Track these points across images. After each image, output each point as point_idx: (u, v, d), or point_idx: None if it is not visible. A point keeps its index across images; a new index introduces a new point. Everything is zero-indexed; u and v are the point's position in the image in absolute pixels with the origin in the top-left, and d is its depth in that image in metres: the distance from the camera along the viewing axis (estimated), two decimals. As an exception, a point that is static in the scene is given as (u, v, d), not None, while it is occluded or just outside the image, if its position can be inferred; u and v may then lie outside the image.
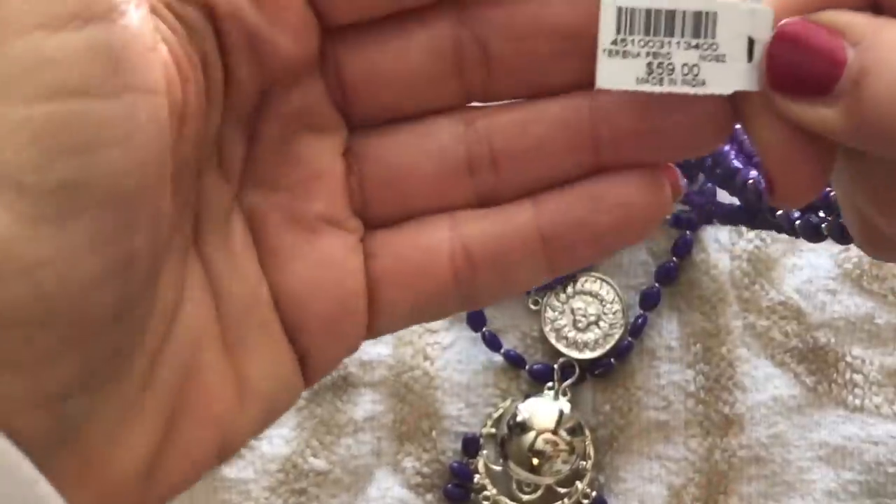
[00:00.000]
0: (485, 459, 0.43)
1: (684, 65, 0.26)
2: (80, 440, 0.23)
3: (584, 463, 0.43)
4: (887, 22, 0.24)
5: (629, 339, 0.44)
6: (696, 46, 0.26)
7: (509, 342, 0.44)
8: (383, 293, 0.27)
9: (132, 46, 0.22)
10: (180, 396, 0.25)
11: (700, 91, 0.26)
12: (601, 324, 0.44)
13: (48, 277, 0.21)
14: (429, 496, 0.43)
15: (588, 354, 0.44)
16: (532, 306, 0.45)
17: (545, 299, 0.44)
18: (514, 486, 0.43)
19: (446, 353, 0.44)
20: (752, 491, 0.43)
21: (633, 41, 0.26)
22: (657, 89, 0.26)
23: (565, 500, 0.43)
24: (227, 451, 0.26)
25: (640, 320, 0.44)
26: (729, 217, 0.42)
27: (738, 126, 0.27)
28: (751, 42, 0.26)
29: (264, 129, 0.26)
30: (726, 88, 0.26)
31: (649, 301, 0.44)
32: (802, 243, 0.44)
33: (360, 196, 0.28)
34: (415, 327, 0.44)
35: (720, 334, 0.44)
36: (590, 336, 0.44)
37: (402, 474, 0.43)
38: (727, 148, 0.38)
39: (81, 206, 0.21)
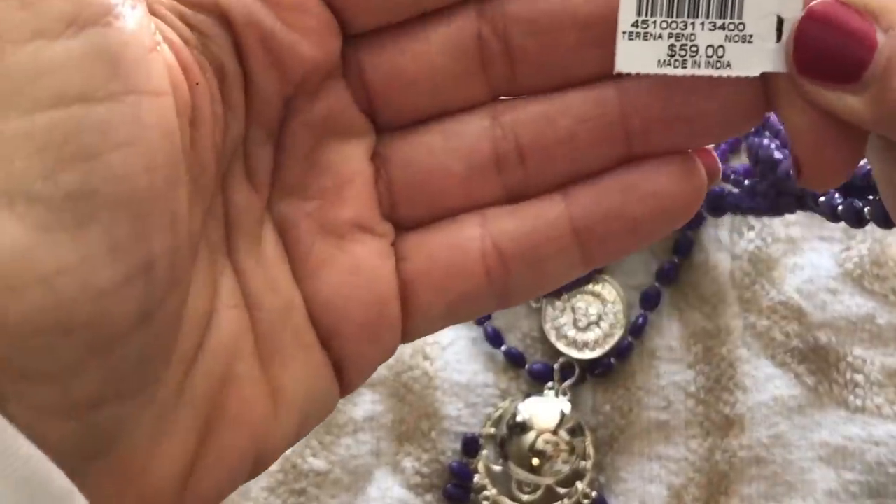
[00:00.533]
0: (484, 459, 0.43)
1: (709, 46, 0.25)
2: (116, 452, 0.23)
3: (585, 463, 0.43)
4: None
5: (630, 338, 0.44)
6: (722, 27, 0.25)
7: (509, 342, 0.44)
8: (417, 296, 0.27)
9: (130, 48, 0.22)
10: (215, 406, 0.25)
11: (725, 73, 0.25)
12: (602, 323, 0.44)
13: (67, 285, 0.21)
14: (428, 496, 0.43)
15: (588, 354, 0.44)
16: (533, 304, 0.44)
17: (546, 298, 0.44)
18: (514, 486, 0.43)
19: (446, 352, 0.44)
20: (752, 491, 0.43)
21: (654, 22, 0.25)
22: (679, 72, 0.25)
23: (565, 500, 0.43)
24: (262, 460, 0.26)
25: (640, 320, 0.44)
26: (743, 208, 0.42)
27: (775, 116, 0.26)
28: (780, 21, 0.25)
29: (291, 137, 0.26)
30: (753, 70, 0.25)
31: (650, 301, 0.44)
32: (804, 243, 0.44)
33: (390, 199, 0.27)
34: (415, 327, 0.44)
35: (721, 334, 0.44)
36: (590, 336, 0.44)
37: (401, 474, 0.43)
38: (766, 140, 0.38)
39: (93, 212, 0.21)
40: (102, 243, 0.21)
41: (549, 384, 0.44)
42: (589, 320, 0.44)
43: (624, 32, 0.25)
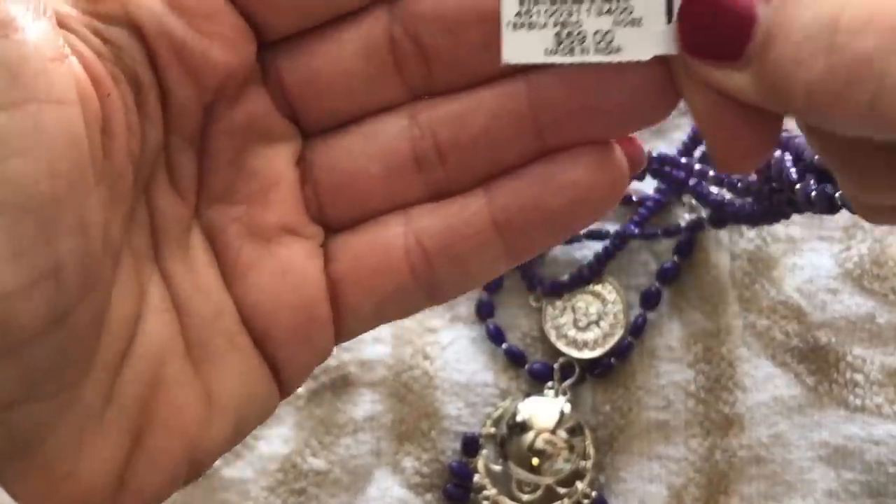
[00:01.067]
0: (484, 459, 0.43)
1: (597, 32, 0.24)
2: (40, 453, 0.24)
3: (585, 463, 0.43)
4: None
5: (630, 338, 0.44)
6: (609, 11, 0.24)
7: (509, 341, 0.44)
8: (345, 296, 0.27)
9: (31, 59, 0.22)
10: (146, 410, 0.25)
11: (616, 59, 0.24)
12: (602, 323, 0.44)
13: None
14: (428, 496, 0.43)
15: (588, 354, 0.44)
16: (533, 303, 0.44)
17: (546, 297, 0.44)
18: (514, 485, 0.43)
19: (446, 352, 0.44)
20: (752, 491, 0.43)
21: (538, 11, 0.24)
22: (568, 60, 0.24)
23: (565, 499, 0.43)
24: (198, 464, 0.26)
25: (640, 320, 0.44)
26: (742, 217, 0.42)
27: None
28: (669, 2, 0.24)
29: (214, 144, 0.27)
30: (644, 54, 0.24)
31: (650, 301, 0.44)
32: (803, 242, 0.44)
33: (317, 202, 0.28)
34: (414, 326, 0.44)
35: (721, 334, 0.44)
36: (590, 335, 0.44)
37: (401, 474, 0.43)
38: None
39: None
40: (5, 247, 0.22)
41: (549, 384, 0.44)
42: (589, 320, 0.44)
43: (508, 23, 0.24)
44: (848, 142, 0.23)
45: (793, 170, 0.37)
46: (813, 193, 0.35)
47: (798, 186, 0.36)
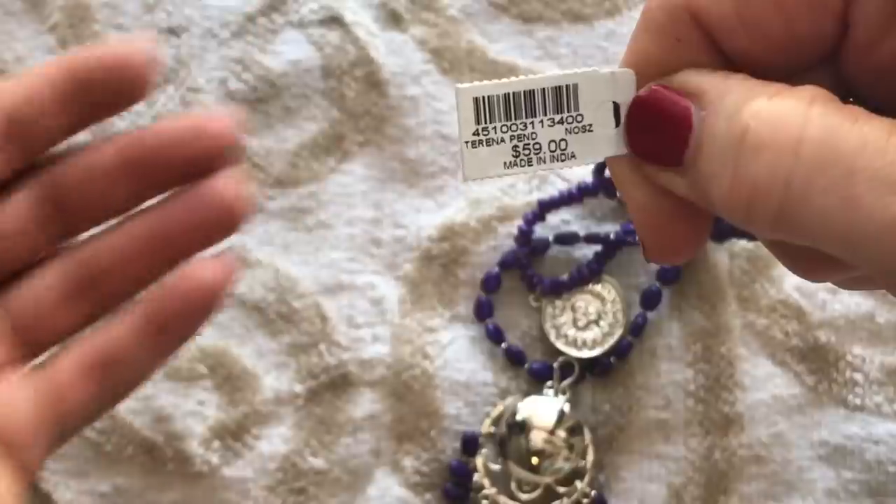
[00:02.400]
0: (484, 458, 0.43)
1: (551, 141, 0.25)
2: None
3: (584, 462, 0.43)
4: (736, 83, 0.23)
5: (629, 338, 0.44)
6: (561, 121, 0.25)
7: (509, 340, 0.44)
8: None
9: None
10: None
11: (571, 164, 0.25)
12: (601, 323, 0.44)
13: None
14: (428, 495, 0.43)
15: (587, 353, 0.44)
16: (533, 303, 0.44)
17: (546, 297, 0.44)
18: (514, 485, 0.43)
19: (445, 351, 0.44)
20: (752, 490, 0.43)
21: (494, 128, 0.25)
22: (527, 170, 0.25)
23: (565, 499, 0.43)
24: None
25: (640, 320, 0.44)
26: (741, 232, 0.42)
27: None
28: (616, 106, 0.25)
29: None
30: (597, 157, 0.25)
31: (651, 300, 0.44)
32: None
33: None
34: (414, 326, 0.44)
35: (720, 333, 0.44)
36: (589, 335, 0.44)
37: (401, 473, 0.43)
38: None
39: None
40: None
41: (549, 383, 0.44)
42: (588, 319, 0.44)
43: (467, 142, 0.25)
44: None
45: None
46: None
47: None
